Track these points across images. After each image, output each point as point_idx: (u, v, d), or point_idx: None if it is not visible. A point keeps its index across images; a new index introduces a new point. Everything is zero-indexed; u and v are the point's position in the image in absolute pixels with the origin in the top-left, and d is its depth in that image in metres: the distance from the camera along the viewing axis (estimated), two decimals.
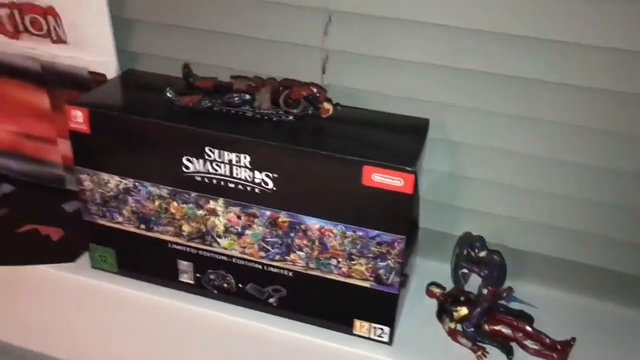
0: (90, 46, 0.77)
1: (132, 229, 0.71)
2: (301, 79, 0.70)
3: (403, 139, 0.64)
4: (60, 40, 0.79)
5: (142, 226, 0.70)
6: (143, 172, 0.66)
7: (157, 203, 0.68)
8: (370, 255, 0.62)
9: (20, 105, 0.86)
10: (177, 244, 0.70)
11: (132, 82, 0.75)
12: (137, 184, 0.67)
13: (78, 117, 0.66)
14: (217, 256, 0.69)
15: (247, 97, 0.65)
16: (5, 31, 0.81)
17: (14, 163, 0.92)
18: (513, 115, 0.67)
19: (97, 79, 0.79)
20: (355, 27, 0.68)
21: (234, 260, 0.68)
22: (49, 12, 0.77)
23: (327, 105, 0.63)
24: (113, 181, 0.68)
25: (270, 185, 0.62)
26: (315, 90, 0.63)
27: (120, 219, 0.71)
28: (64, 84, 0.81)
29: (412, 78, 0.69)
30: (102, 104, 0.67)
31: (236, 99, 0.65)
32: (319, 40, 0.70)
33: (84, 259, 0.77)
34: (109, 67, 0.78)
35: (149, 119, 0.64)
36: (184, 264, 0.71)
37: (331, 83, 0.72)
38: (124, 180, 0.68)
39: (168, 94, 0.65)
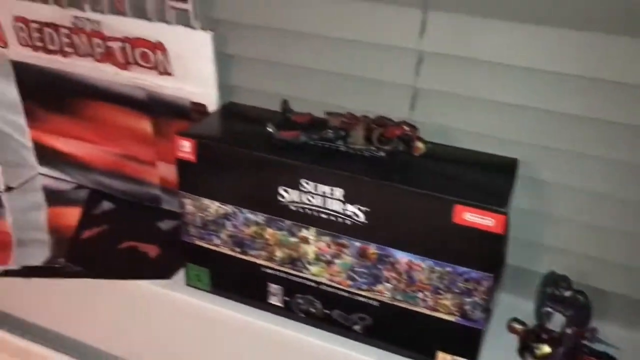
0: (194, 79, 0.83)
1: (227, 251, 0.75)
2: (390, 115, 0.73)
3: (493, 178, 0.66)
4: (166, 73, 0.85)
5: (237, 249, 0.75)
6: (242, 200, 0.71)
7: (253, 229, 0.72)
8: (457, 290, 0.64)
9: (125, 130, 0.93)
10: (269, 267, 0.74)
11: (233, 114, 0.80)
12: (235, 210, 0.72)
13: (186, 147, 0.71)
14: (306, 282, 0.72)
15: (342, 133, 0.68)
16: (117, 62, 0.88)
17: (114, 182, 0.99)
18: (605, 158, 0.68)
19: (198, 109, 0.85)
20: (447, 68, 0.71)
21: (322, 286, 0.72)
22: (157, 47, 0.84)
23: (419, 144, 0.66)
24: (213, 206, 0.73)
25: (362, 218, 0.65)
26: (408, 129, 0.66)
27: (217, 241, 0.75)
28: (166, 112, 0.88)
29: (501, 118, 0.71)
30: (207, 135, 0.72)
31: (331, 134, 0.68)
32: (409, 78, 0.73)
33: (179, 277, 0.82)
34: (210, 99, 0.83)
35: (251, 151, 0.68)
36: (274, 287, 0.75)
37: (419, 119, 0.75)
38: (223, 206, 0.72)
39: (269, 129, 0.69)
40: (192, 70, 0.83)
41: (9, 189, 1.01)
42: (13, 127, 1.00)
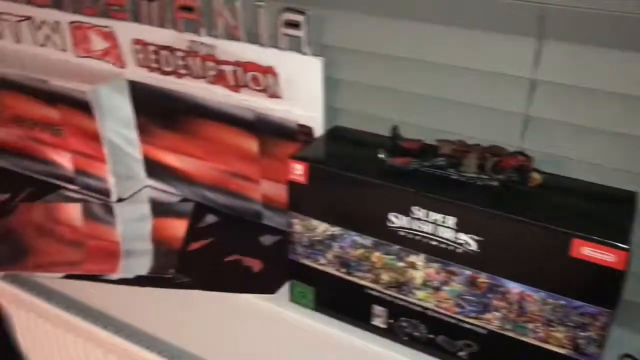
0: (302, 102, 0.86)
1: (332, 271, 0.78)
2: (499, 142, 0.73)
3: (611, 211, 0.65)
4: (275, 96, 0.89)
5: (343, 270, 0.77)
6: (350, 222, 0.73)
7: (360, 251, 0.74)
8: (571, 324, 0.63)
9: (232, 148, 0.97)
10: (374, 290, 0.75)
11: (340, 138, 0.82)
12: (343, 232, 0.74)
13: (298, 170, 0.74)
14: (411, 306, 0.73)
15: (454, 160, 0.69)
16: (228, 85, 0.93)
17: (218, 196, 1.03)
18: None
19: (304, 130, 0.87)
20: (560, 96, 0.70)
21: (428, 311, 0.72)
22: (268, 71, 0.87)
23: (535, 175, 0.66)
24: (321, 227, 0.75)
25: (474, 247, 0.66)
26: (524, 159, 0.66)
27: (323, 261, 0.78)
28: (273, 133, 0.91)
29: (617, 149, 0.70)
30: (318, 159, 0.74)
31: (443, 162, 0.69)
32: (521, 106, 0.73)
33: (283, 292, 0.85)
34: (316, 122, 0.86)
35: (362, 176, 0.70)
36: (378, 309, 0.76)
37: (529, 148, 0.74)
38: (331, 228, 0.75)
39: (380, 155, 0.71)
40: (300, 94, 0.86)
41: (120, 200, 1.08)
42: (126, 141, 1.06)
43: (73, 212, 1.05)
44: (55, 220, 1.03)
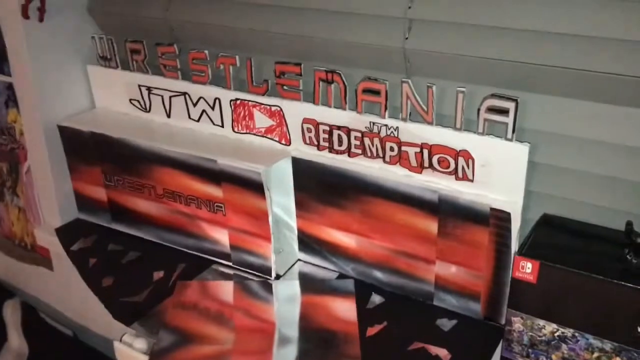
0: (499, 186, 0.83)
1: None
2: None
3: None
4: (465, 179, 0.86)
5: None
6: (587, 325, 0.69)
7: (595, 355, 0.70)
8: None
9: (405, 227, 0.94)
10: None
11: (557, 229, 0.79)
12: (577, 334, 0.70)
13: (527, 268, 0.70)
14: None
15: None
16: (409, 165, 0.90)
17: (383, 275, 1.00)
18: None
19: (499, 215, 0.84)
20: None
21: None
22: (461, 154, 0.84)
23: None
24: (550, 328, 0.71)
25: None
26: None
27: None
28: (458, 215, 0.88)
29: None
30: (548, 256, 0.71)
31: None
32: None
33: None
34: (515, 207, 0.83)
35: (609, 279, 0.66)
36: None
37: None
38: (561, 329, 0.71)
39: (627, 256, 0.67)
40: (497, 178, 0.83)
41: (277, 276, 1.05)
42: (287, 217, 1.04)
43: (235, 291, 1.03)
44: (218, 301, 1.00)
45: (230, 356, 0.88)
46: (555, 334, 0.72)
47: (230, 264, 1.09)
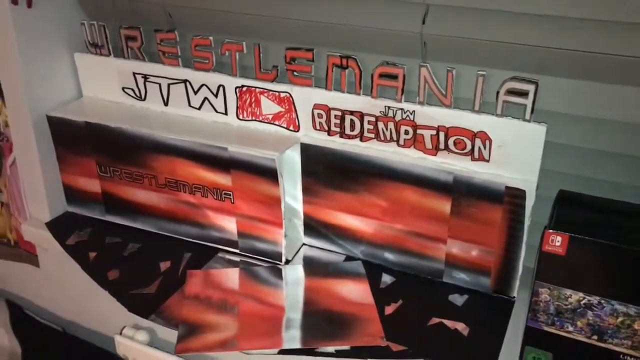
0: (515, 166, 0.87)
1: (581, 338, 0.78)
2: None
3: None
4: (481, 159, 0.89)
5: (594, 337, 0.77)
6: (612, 292, 0.74)
7: (620, 319, 0.75)
8: None
9: (417, 209, 0.97)
10: (631, 355, 0.76)
11: (577, 204, 0.83)
12: (602, 301, 0.75)
13: (556, 242, 0.75)
14: None
15: None
16: (424, 148, 0.93)
17: (392, 255, 1.03)
18: None
19: (514, 193, 0.88)
20: None
21: None
22: (478, 135, 0.88)
23: None
24: (575, 297, 0.76)
25: None
26: None
27: (570, 328, 0.78)
28: (472, 194, 0.91)
29: None
30: (576, 229, 0.75)
31: None
32: None
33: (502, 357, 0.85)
34: (530, 185, 0.87)
35: (629, 247, 0.71)
36: None
37: None
38: (587, 297, 0.75)
39: None
40: (514, 158, 0.87)
41: (287, 261, 1.06)
42: (295, 202, 1.05)
43: (246, 277, 1.03)
44: (230, 289, 1.00)
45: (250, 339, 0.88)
46: (582, 302, 0.76)
47: (237, 251, 1.09)
